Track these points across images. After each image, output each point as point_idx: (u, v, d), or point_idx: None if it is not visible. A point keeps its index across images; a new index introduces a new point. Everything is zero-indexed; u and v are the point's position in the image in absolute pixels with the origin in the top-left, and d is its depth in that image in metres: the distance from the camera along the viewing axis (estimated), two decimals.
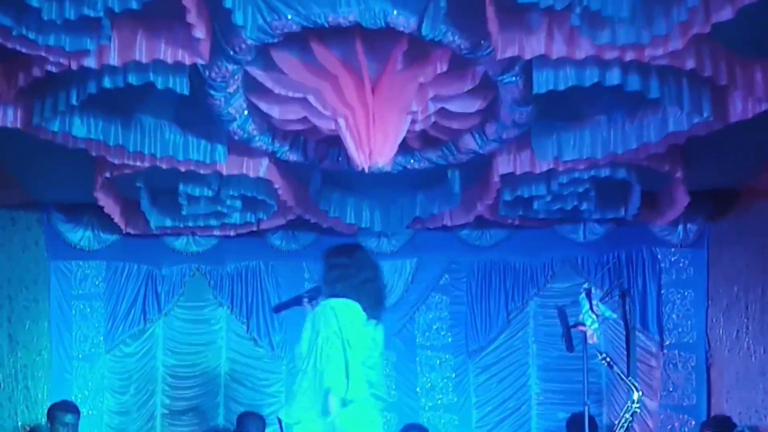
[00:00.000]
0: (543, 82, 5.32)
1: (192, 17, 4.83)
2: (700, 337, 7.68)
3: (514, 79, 5.42)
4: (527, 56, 5.16)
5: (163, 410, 8.03)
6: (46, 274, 7.85)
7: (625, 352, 6.37)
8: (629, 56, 5.12)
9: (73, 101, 5.46)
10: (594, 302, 6.04)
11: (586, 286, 6.14)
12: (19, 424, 7.65)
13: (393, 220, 7.35)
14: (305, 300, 5.20)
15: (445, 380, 8.03)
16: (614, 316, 6.30)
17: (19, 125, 5.72)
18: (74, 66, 5.14)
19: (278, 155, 6.35)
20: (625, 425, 6.42)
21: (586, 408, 6.13)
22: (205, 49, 5.12)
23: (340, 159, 6.38)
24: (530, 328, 8.01)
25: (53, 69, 5.16)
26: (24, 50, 5.01)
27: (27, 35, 4.94)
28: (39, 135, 5.84)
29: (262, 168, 6.46)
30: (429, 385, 8.02)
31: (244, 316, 8.02)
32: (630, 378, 6.25)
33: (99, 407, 7.87)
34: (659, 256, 7.77)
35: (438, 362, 8.03)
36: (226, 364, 8.08)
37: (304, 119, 5.91)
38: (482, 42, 5.13)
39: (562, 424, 7.38)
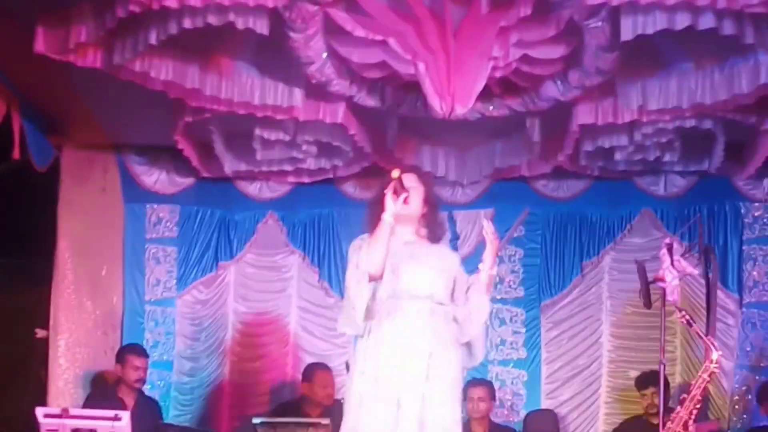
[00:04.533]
0: (630, 27, 5.19)
1: None
2: None
3: (600, 24, 5.29)
4: (615, 2, 5.04)
5: (232, 357, 8.04)
6: (122, 216, 7.88)
7: (705, 311, 6.24)
8: (721, 3, 4.98)
9: (153, 41, 5.44)
10: (675, 257, 5.91)
11: (667, 240, 6.01)
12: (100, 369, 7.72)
13: (469, 168, 7.29)
14: None
15: (516, 334, 7.94)
16: (696, 272, 6.15)
17: (99, 65, 5.73)
18: (155, 6, 5.11)
19: (355, 100, 6.29)
20: (702, 385, 6.30)
21: (662, 366, 6.02)
22: None
23: (417, 105, 6.30)
24: (605, 282, 7.85)
25: (135, 9, 5.13)
26: None
27: None
28: (118, 75, 5.84)
29: (338, 113, 6.41)
30: (499, 339, 7.93)
31: (316, 265, 8.00)
32: (709, 337, 6.12)
33: (170, 352, 7.89)
34: (742, 211, 7.59)
35: (509, 316, 7.95)
36: (297, 312, 8.06)
37: (383, 64, 5.82)
38: None
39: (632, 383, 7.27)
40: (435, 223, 4.67)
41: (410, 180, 4.55)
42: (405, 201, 4.43)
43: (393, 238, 4.45)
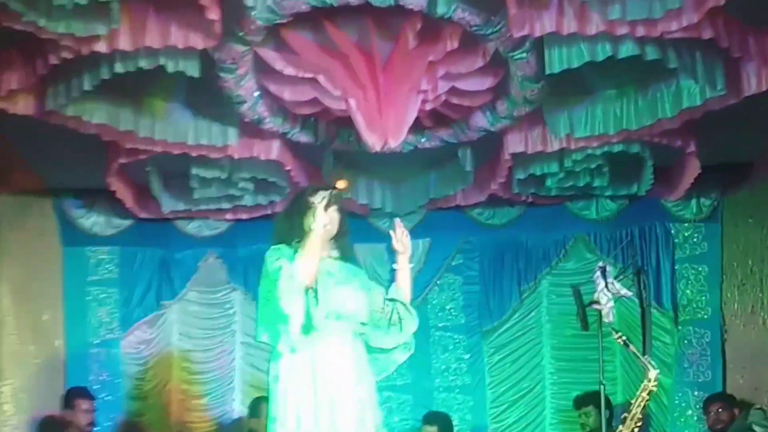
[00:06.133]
0: (556, 60, 5.32)
1: None
2: (714, 313, 7.64)
3: (525, 55, 5.42)
4: (538, 33, 5.17)
5: (179, 395, 8.03)
6: (60, 261, 7.86)
7: (641, 330, 6.34)
8: (641, 32, 5.11)
9: (85, 86, 5.46)
10: (609, 280, 6.01)
11: (600, 264, 6.12)
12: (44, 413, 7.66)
13: (405, 200, 7.37)
14: None
15: (459, 361, 8.02)
16: (630, 294, 6.25)
17: (31, 112, 5.73)
18: (85, 51, 5.14)
19: (289, 136, 6.35)
20: (642, 404, 6.39)
21: (602, 387, 6.11)
22: (217, 32, 5.11)
23: (351, 139, 6.38)
24: (543, 306, 7.99)
25: (67, 55, 5.16)
26: (36, 35, 5.00)
27: (36, 21, 4.92)
28: (51, 121, 5.84)
29: (273, 150, 6.47)
30: (443, 366, 8.01)
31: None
32: (646, 357, 6.23)
33: (116, 393, 7.86)
34: (673, 232, 7.73)
35: (452, 343, 8.02)
36: (241, 348, 8.08)
37: (315, 100, 5.91)
38: (493, 18, 5.13)
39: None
40: (346, 246, 4.61)
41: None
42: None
43: None
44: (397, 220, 4.78)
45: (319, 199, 4.43)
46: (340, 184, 4.43)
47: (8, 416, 7.63)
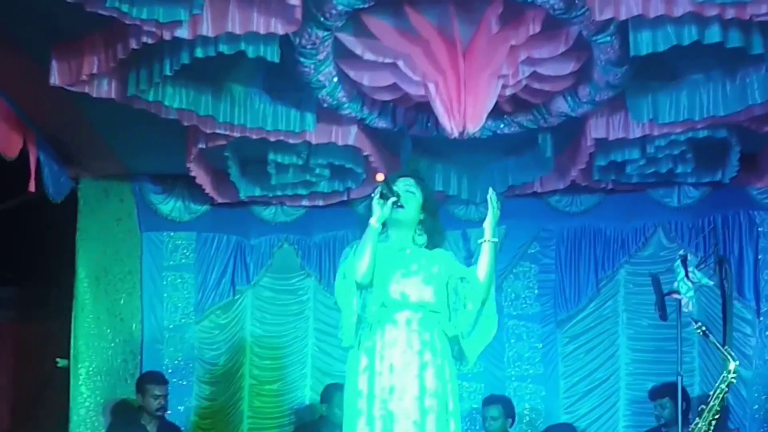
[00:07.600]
0: (642, 44, 5.22)
1: None
2: None
3: (609, 39, 5.33)
4: (623, 16, 5.09)
5: (251, 380, 8.08)
6: (139, 245, 7.94)
7: (722, 321, 6.23)
8: (730, 14, 5.01)
9: (167, 71, 5.48)
10: (690, 269, 5.92)
11: (681, 252, 6.02)
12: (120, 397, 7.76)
13: (482, 187, 7.30)
14: None
15: (532, 350, 7.96)
16: (711, 283, 6.15)
17: (113, 96, 5.79)
18: (167, 37, 5.16)
19: (367, 122, 6.34)
20: (721, 396, 6.29)
21: (680, 378, 6.02)
22: (298, 17, 5.11)
23: (429, 125, 6.35)
24: (620, 296, 7.86)
25: (148, 40, 5.19)
26: (119, 19, 5.04)
27: (119, 6, 4.96)
28: (133, 105, 5.89)
29: (351, 136, 6.47)
30: (516, 355, 7.95)
31: (332, 287, 8.01)
32: (726, 348, 6.14)
33: (189, 377, 7.93)
34: (757, 220, 7.56)
35: (525, 332, 7.96)
36: (314, 334, 8.10)
37: (394, 86, 5.88)
38: (577, 1, 5.06)
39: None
40: (433, 230, 4.59)
41: (407, 185, 4.54)
42: (398, 206, 4.39)
43: (386, 245, 4.44)
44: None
45: (375, 193, 4.43)
46: (378, 177, 4.41)
47: (84, 398, 7.74)
